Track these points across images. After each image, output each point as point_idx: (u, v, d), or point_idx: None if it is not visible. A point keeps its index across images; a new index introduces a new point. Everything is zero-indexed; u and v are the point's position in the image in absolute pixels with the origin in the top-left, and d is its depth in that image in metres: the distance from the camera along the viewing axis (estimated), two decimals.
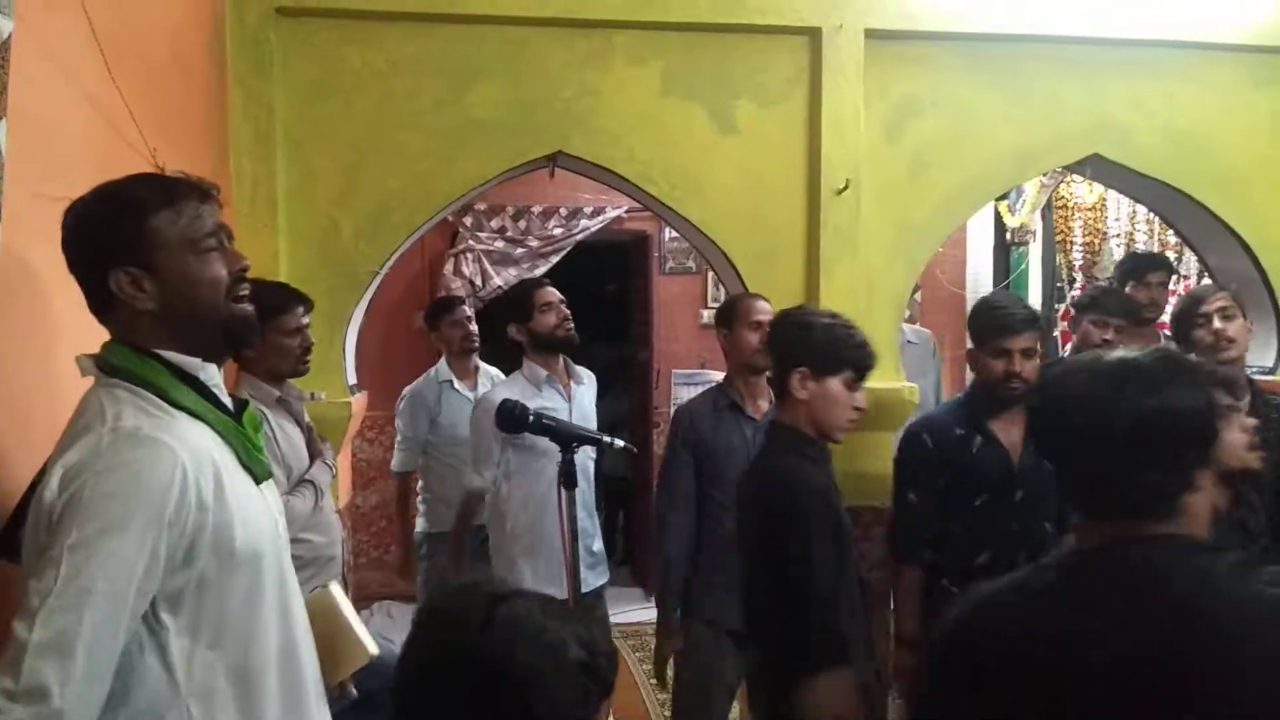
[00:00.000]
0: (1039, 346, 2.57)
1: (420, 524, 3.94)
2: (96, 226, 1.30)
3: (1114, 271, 4.47)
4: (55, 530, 1.16)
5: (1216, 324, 2.69)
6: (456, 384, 3.92)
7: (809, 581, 1.89)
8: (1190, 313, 2.76)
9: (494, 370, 4.19)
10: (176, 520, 1.21)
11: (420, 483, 3.99)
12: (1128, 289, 3.84)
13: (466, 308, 4.12)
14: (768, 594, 2.01)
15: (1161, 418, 1.19)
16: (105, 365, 1.30)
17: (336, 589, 1.70)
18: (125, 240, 1.28)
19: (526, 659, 1.01)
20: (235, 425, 1.35)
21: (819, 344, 2.05)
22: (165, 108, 2.43)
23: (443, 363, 3.99)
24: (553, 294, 3.10)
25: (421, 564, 3.92)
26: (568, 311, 3.09)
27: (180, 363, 1.31)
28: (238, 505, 1.29)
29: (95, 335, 1.37)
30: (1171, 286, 5.06)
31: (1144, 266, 3.91)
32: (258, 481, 1.37)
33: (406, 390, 3.97)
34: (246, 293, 1.40)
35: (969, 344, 2.69)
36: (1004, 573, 2.38)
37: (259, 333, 1.48)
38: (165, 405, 1.27)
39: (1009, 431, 2.56)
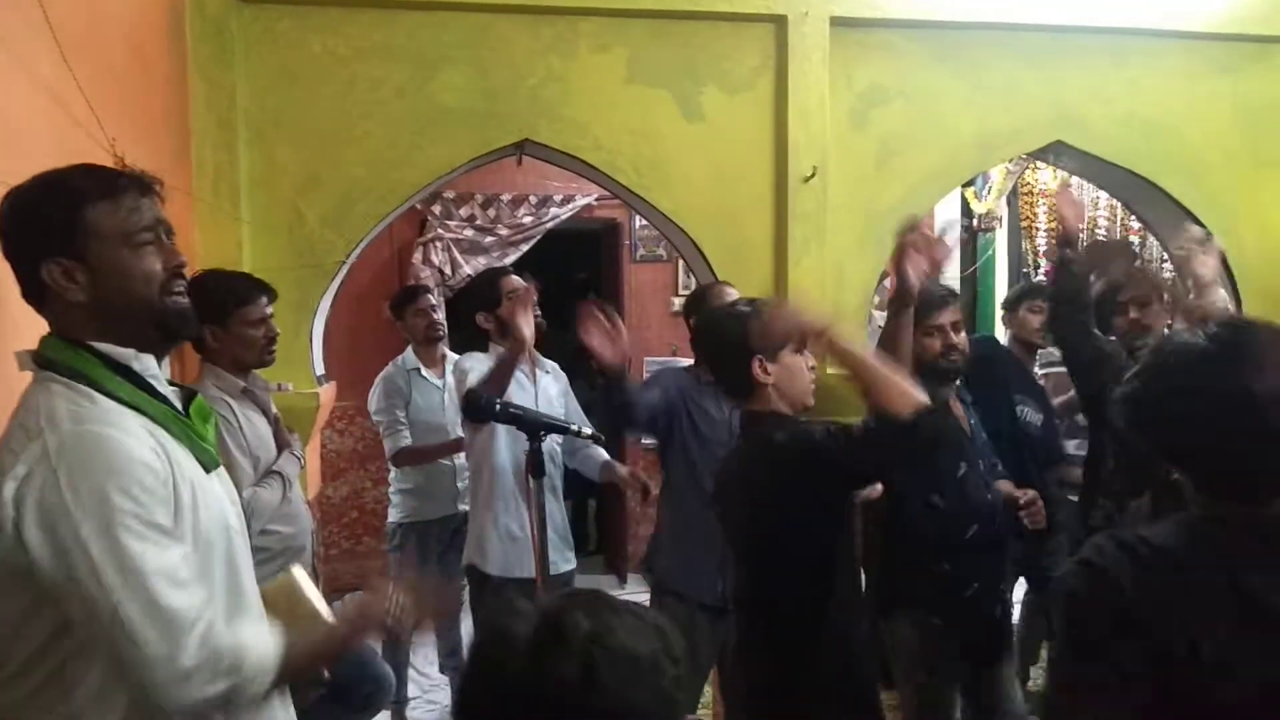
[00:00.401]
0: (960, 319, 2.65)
1: (391, 514, 3.92)
2: (31, 215, 1.28)
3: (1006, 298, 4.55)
4: (66, 562, 1.18)
5: (1133, 313, 2.77)
6: (424, 371, 3.91)
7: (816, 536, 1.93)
8: (1110, 300, 2.85)
9: (459, 358, 4.18)
10: (149, 501, 1.23)
11: (390, 473, 3.97)
12: (1020, 312, 3.82)
13: (431, 297, 4.09)
14: (758, 566, 2.02)
15: None
16: (40, 359, 1.29)
17: (299, 571, 1.68)
18: (59, 230, 1.26)
19: (633, 701, 0.91)
20: (175, 415, 1.34)
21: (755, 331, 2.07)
22: (124, 96, 2.40)
23: (409, 351, 3.97)
24: (518, 282, 3.10)
25: (392, 555, 3.91)
26: (535, 301, 3.08)
27: (113, 354, 1.30)
28: (190, 492, 1.29)
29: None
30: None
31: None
32: (206, 471, 1.36)
33: (377, 379, 3.95)
34: (182, 289, 1.38)
35: None
36: (989, 545, 2.45)
37: (197, 326, 1.47)
38: (98, 397, 1.26)
39: (954, 405, 2.62)
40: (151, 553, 1.21)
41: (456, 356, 4.12)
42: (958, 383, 2.66)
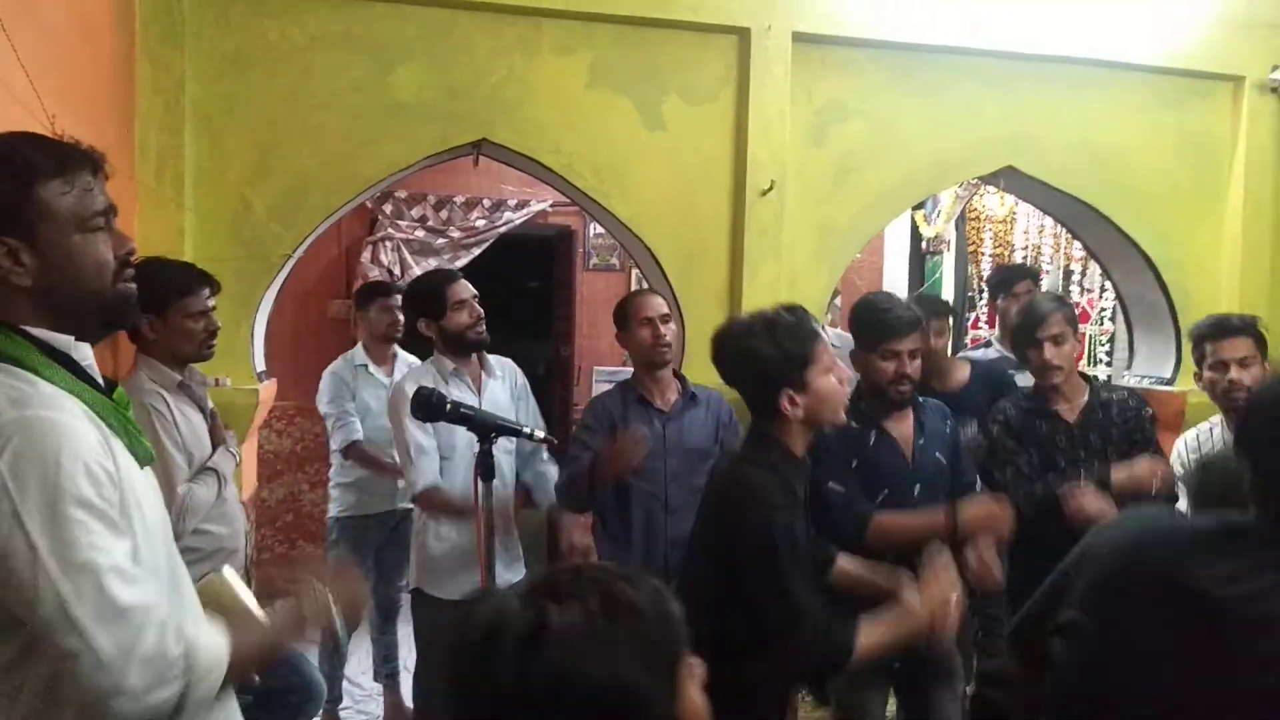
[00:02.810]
0: (921, 345, 2.58)
1: (331, 509, 3.85)
2: None
3: (986, 285, 4.64)
4: (9, 550, 1.10)
5: (1047, 353, 2.79)
6: (372, 368, 3.85)
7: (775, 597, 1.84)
8: (1028, 332, 2.85)
9: (411, 357, 4.10)
10: (99, 491, 1.15)
11: (332, 467, 3.89)
12: (999, 301, 3.98)
13: (399, 297, 4.01)
14: (712, 585, 1.94)
15: None
16: None
17: (229, 572, 1.61)
18: (6, 207, 1.17)
19: (586, 681, 0.90)
20: (113, 405, 1.27)
21: (779, 360, 1.92)
22: (67, 74, 2.30)
23: (359, 347, 3.91)
24: (466, 289, 2.90)
25: (331, 551, 3.82)
26: (481, 310, 2.95)
27: (50, 340, 1.21)
28: (131, 485, 1.22)
29: None
30: (1076, 299, 5.27)
31: (1011, 278, 4.04)
32: (140, 465, 1.29)
33: (324, 374, 3.88)
34: (131, 276, 1.31)
35: (855, 346, 2.64)
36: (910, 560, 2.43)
37: (137, 314, 1.40)
38: (38, 381, 1.18)
39: (900, 427, 2.56)
40: (102, 545, 1.13)
41: (411, 358, 4.06)
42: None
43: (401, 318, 3.90)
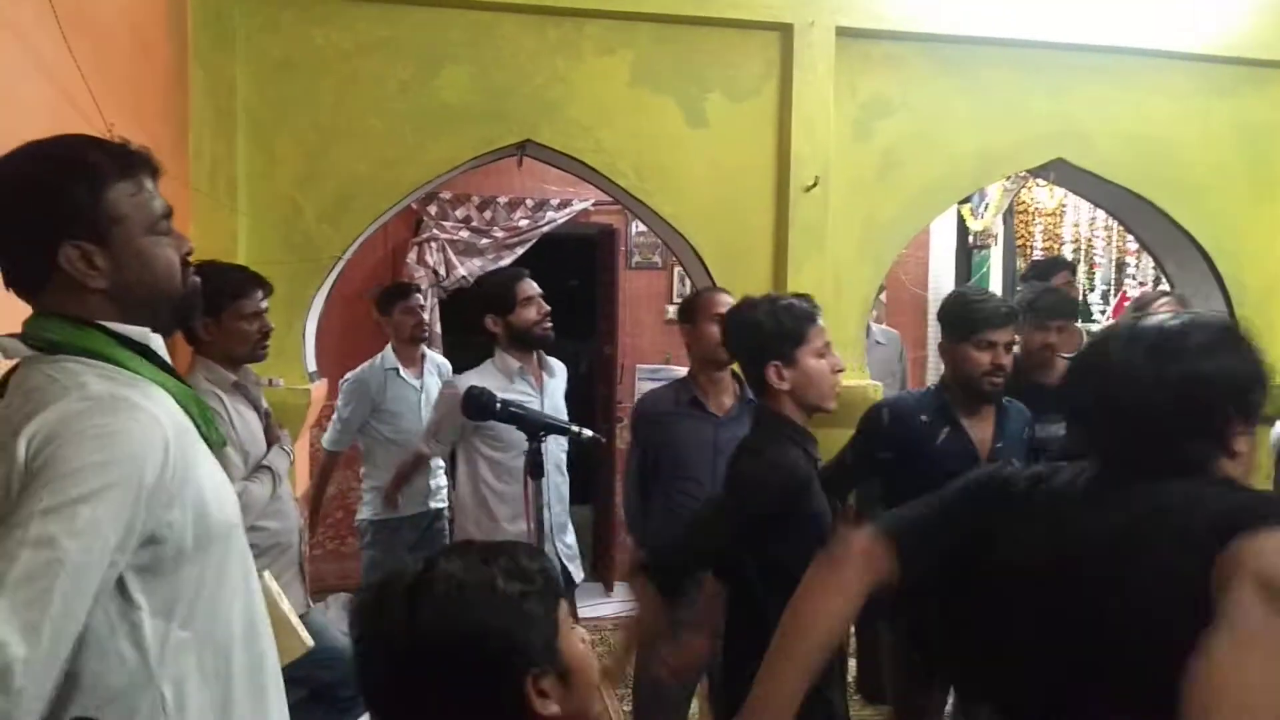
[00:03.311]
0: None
1: (364, 511, 3.87)
2: (46, 192, 1.17)
3: (1022, 279, 4.61)
4: (21, 499, 1.06)
5: (1052, 336, 2.87)
6: (402, 371, 3.86)
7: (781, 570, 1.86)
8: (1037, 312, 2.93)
9: (440, 358, 4.14)
10: (157, 491, 1.13)
11: (363, 469, 3.93)
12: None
13: (420, 296, 4.05)
14: (742, 579, 1.99)
15: (1201, 387, 1.17)
16: (42, 342, 1.19)
17: (269, 579, 1.65)
18: (81, 211, 1.17)
19: (466, 624, 0.99)
20: (192, 393, 1.30)
21: (775, 333, 2.03)
22: (123, 82, 2.36)
23: (388, 350, 3.92)
24: (534, 288, 3.00)
25: (365, 553, 3.86)
26: (548, 308, 3.02)
27: (129, 333, 1.23)
28: (209, 475, 1.24)
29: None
30: (1125, 290, 5.17)
31: (1049, 271, 3.98)
32: (212, 449, 1.31)
33: (351, 375, 3.89)
34: (194, 274, 1.34)
35: (942, 338, 2.63)
36: None
37: (199, 307, 1.43)
38: (127, 373, 1.19)
39: (979, 427, 2.53)
40: (75, 567, 1.05)
41: (439, 358, 4.10)
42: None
43: (425, 317, 3.93)
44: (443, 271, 5.41)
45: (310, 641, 1.86)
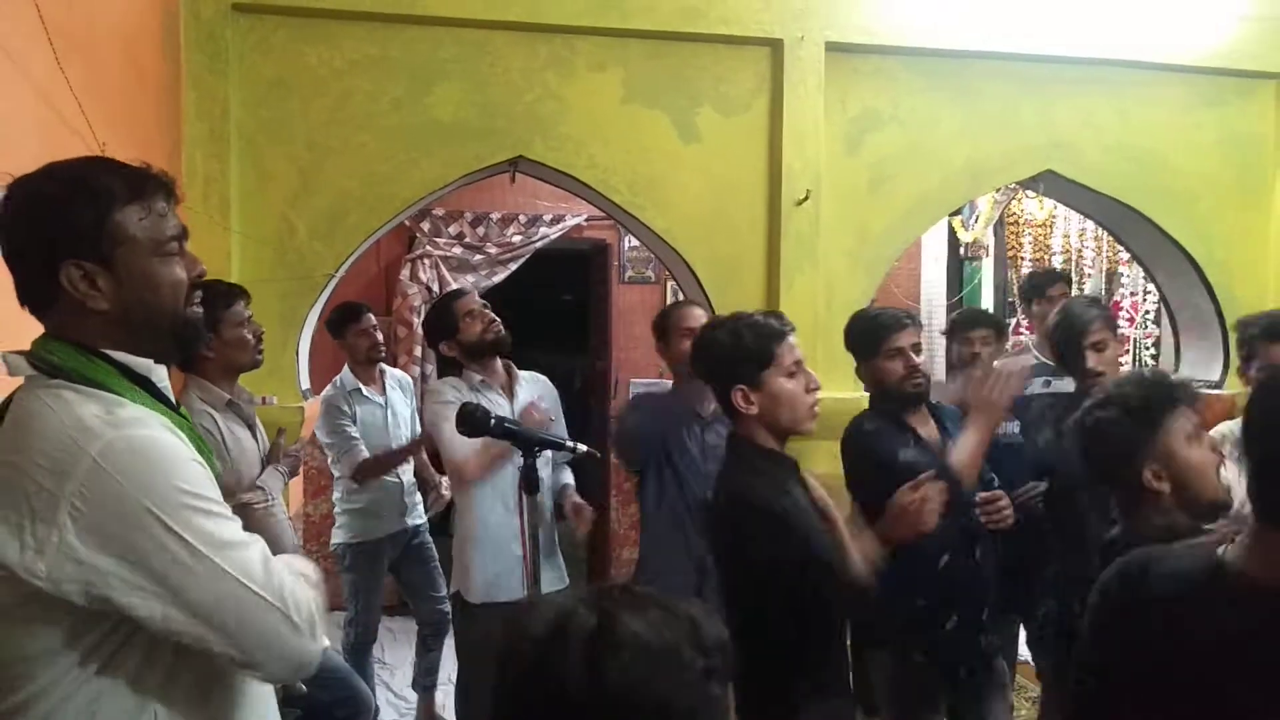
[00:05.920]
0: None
1: (339, 535, 3.79)
2: (53, 212, 1.18)
3: (1018, 291, 4.62)
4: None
5: (1090, 360, 2.75)
6: (365, 390, 3.78)
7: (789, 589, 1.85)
8: (1072, 339, 2.81)
9: (398, 372, 4.09)
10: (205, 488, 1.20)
11: (336, 494, 3.86)
12: (1033, 306, 3.95)
13: (372, 316, 3.90)
14: (748, 600, 1.93)
15: None
16: (44, 364, 1.18)
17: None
18: (85, 231, 1.17)
19: (653, 699, 0.89)
20: (188, 424, 1.30)
21: (736, 355, 1.92)
22: (116, 101, 2.37)
23: (346, 371, 3.81)
24: (473, 301, 2.96)
25: (345, 575, 3.78)
26: (492, 314, 2.97)
27: (131, 364, 1.23)
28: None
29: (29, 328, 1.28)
30: (1115, 299, 5.20)
31: (1045, 283, 4.00)
32: None
33: (321, 398, 3.72)
34: (199, 299, 1.34)
35: (856, 362, 2.59)
36: (965, 574, 2.40)
37: (206, 336, 1.43)
38: (125, 401, 1.19)
39: (925, 428, 2.52)
40: (229, 531, 1.18)
41: (398, 373, 4.07)
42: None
43: (379, 337, 3.85)
44: (436, 288, 5.41)
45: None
